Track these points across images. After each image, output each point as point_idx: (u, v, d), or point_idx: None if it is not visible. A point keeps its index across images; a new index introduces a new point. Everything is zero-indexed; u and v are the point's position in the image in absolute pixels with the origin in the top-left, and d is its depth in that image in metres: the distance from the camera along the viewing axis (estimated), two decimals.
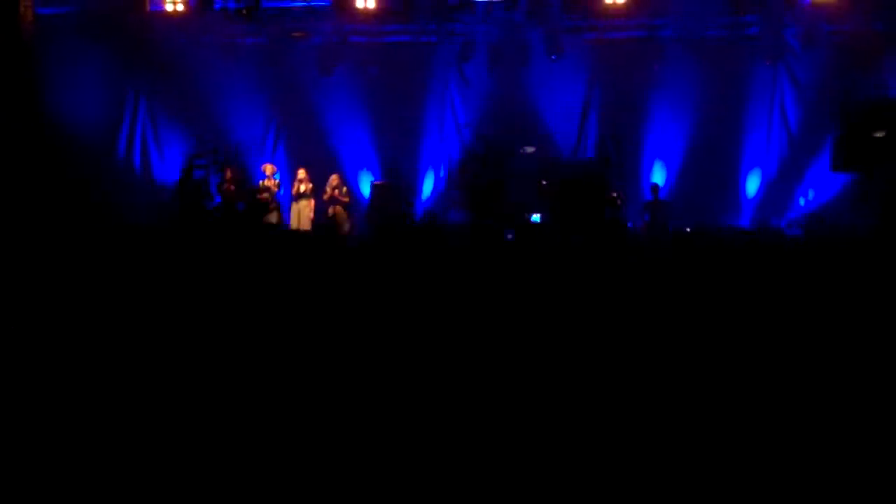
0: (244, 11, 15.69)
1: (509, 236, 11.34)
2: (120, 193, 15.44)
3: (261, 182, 15.66)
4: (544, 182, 14.58)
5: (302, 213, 15.36)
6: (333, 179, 15.56)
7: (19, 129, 13.42)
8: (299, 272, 4.26)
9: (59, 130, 14.56)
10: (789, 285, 4.56)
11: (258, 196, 14.53)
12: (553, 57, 15.68)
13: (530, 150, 15.08)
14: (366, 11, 15.65)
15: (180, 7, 15.81)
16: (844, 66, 14.71)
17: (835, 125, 13.81)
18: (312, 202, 15.51)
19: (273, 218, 15.35)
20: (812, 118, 15.24)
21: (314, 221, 15.38)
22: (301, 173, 15.63)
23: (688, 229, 13.05)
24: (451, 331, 3.75)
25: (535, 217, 13.81)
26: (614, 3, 15.10)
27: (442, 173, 16.50)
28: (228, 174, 15.75)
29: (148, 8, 16.01)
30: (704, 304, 4.27)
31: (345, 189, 15.63)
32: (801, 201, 15.16)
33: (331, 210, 15.38)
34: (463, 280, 4.24)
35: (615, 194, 14.55)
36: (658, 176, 15.55)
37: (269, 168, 15.78)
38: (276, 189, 15.61)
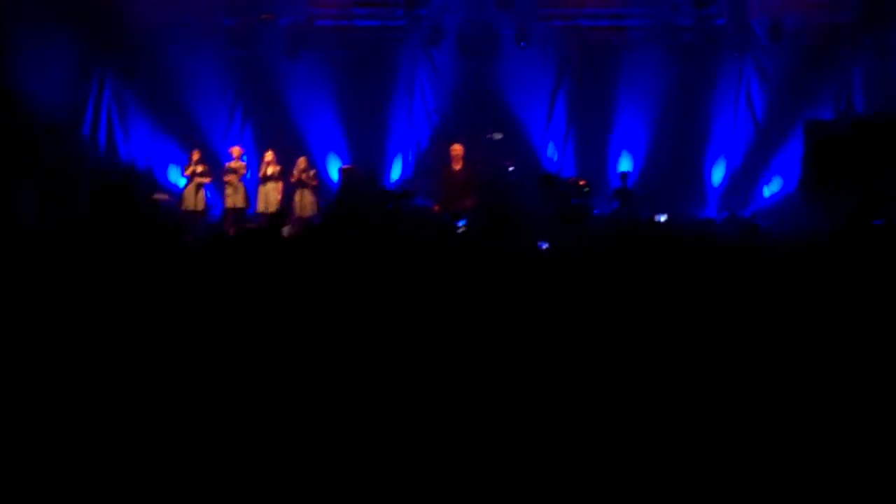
0: None
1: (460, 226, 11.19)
2: (84, 173, 15.32)
3: (227, 164, 15.57)
4: (511, 168, 14.63)
5: (269, 196, 15.28)
6: (301, 162, 15.45)
7: None
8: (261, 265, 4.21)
9: (23, 109, 14.38)
10: (757, 280, 4.59)
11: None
12: (522, 44, 15.69)
13: (498, 136, 15.08)
14: None
15: None
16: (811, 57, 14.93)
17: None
18: (280, 185, 15.42)
19: (239, 201, 15.29)
20: (778, 108, 15.42)
21: (281, 204, 15.30)
22: (268, 156, 15.52)
23: (662, 218, 13.04)
24: (405, 326, 3.73)
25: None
26: None
27: (410, 158, 16.48)
28: (195, 156, 15.67)
29: None
30: (675, 297, 4.28)
31: (312, 172, 15.53)
32: (766, 192, 15.34)
33: (297, 197, 15.30)
34: (418, 273, 4.21)
35: (583, 182, 14.63)
36: (625, 165, 15.64)
37: (236, 150, 15.68)
38: (242, 172, 15.52)
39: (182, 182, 15.94)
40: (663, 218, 13.17)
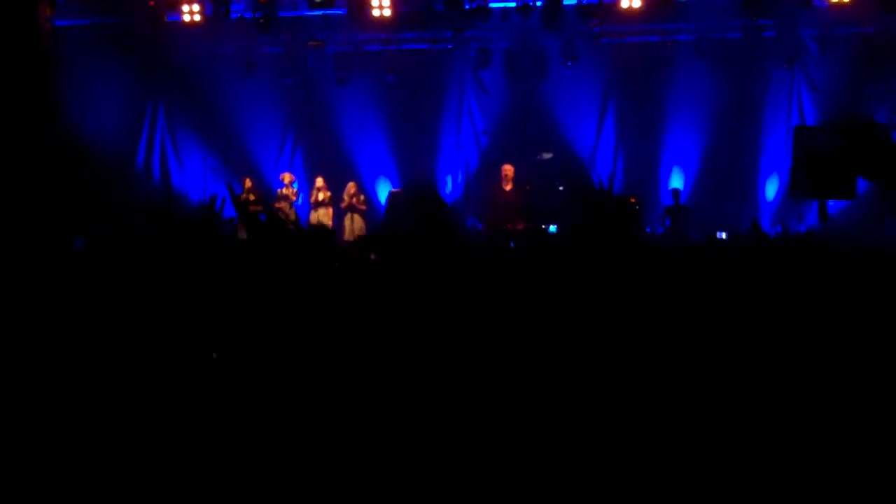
0: (261, 21, 15.73)
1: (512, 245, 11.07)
2: (140, 204, 15.54)
3: (279, 191, 15.72)
4: (561, 188, 14.57)
5: (321, 222, 15.40)
6: (351, 187, 15.58)
7: (40, 142, 13.50)
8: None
9: (79, 142, 14.64)
10: (816, 295, 4.49)
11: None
12: (569, 63, 15.65)
13: (548, 155, 15.04)
14: (381, 19, 15.58)
15: (197, 17, 15.80)
16: (862, 68, 14.68)
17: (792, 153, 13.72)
18: (331, 210, 15.57)
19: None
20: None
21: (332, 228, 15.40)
22: (319, 181, 15.69)
23: (723, 235, 12.80)
24: (448, 343, 3.72)
25: (552, 227, 13.65)
26: (630, 8, 14.88)
27: (459, 180, 16.51)
28: (248, 184, 15.85)
29: (165, 18, 16.06)
30: (729, 317, 4.21)
31: (362, 197, 15.66)
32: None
33: (347, 221, 15.36)
34: (465, 290, 4.18)
35: (633, 199, 14.51)
36: (676, 181, 15.52)
37: (287, 177, 15.85)
38: (294, 198, 15.67)
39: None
40: (724, 235, 12.95)
